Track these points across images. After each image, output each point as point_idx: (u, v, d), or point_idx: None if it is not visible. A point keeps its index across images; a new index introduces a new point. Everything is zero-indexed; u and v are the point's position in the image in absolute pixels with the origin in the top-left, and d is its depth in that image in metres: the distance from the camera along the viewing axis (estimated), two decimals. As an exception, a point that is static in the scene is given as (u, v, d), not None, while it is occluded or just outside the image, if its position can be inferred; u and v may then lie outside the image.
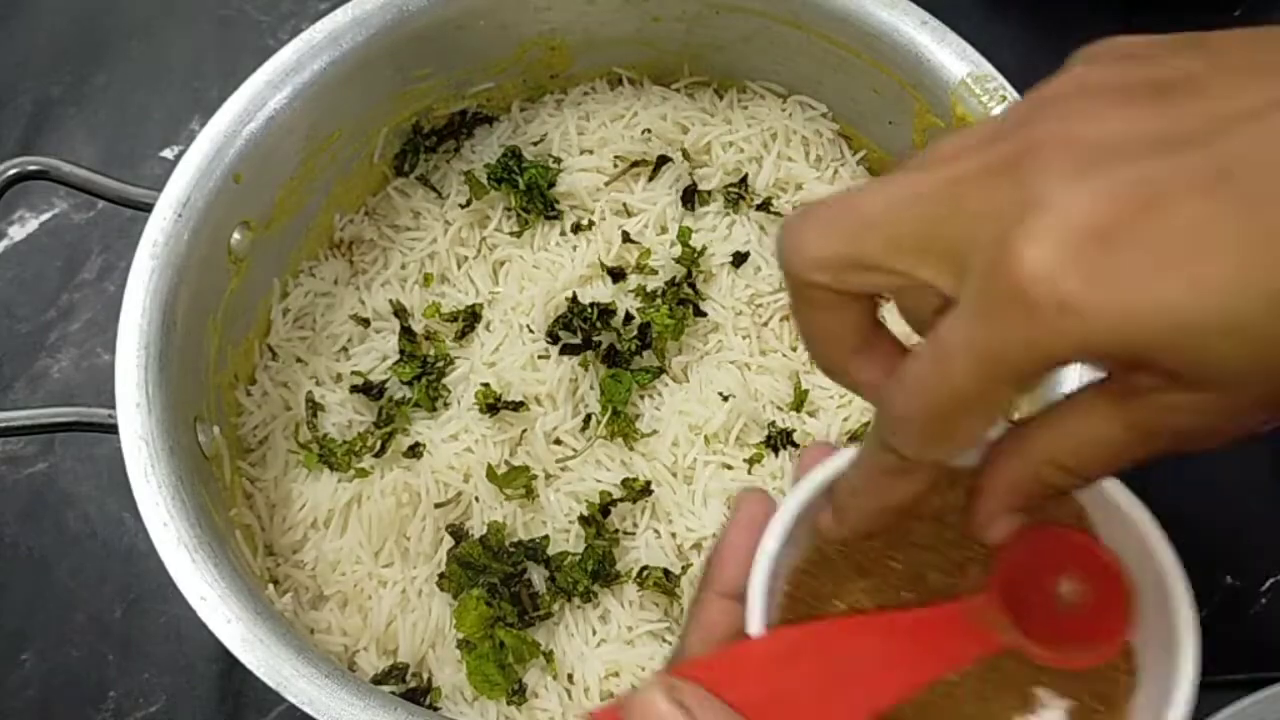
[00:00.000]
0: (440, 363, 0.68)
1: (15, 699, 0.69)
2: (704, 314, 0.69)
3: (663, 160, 0.72)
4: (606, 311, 0.68)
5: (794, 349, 0.68)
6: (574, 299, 0.68)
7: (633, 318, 0.68)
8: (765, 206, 0.72)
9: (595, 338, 0.68)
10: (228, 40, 0.88)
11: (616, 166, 0.73)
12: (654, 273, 0.70)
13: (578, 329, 0.68)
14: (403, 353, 0.69)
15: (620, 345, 0.67)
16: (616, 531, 0.63)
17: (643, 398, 0.67)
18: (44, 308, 0.80)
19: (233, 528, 0.62)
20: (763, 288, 0.70)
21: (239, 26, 0.89)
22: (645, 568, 0.62)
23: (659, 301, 0.69)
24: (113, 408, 0.58)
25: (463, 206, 0.73)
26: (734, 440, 0.65)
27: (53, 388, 0.77)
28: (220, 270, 0.65)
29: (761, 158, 0.73)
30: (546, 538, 0.64)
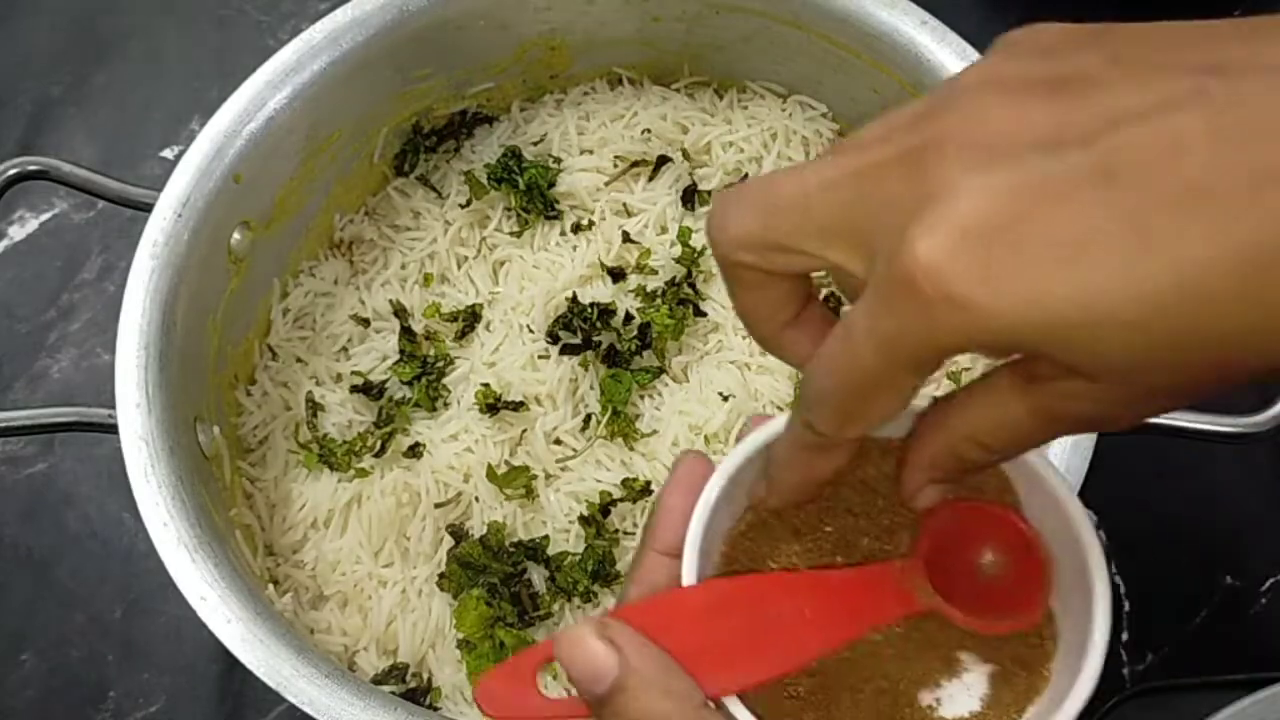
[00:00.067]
0: (440, 363, 0.68)
1: (15, 699, 0.69)
2: (704, 314, 0.69)
3: (663, 160, 0.72)
4: (606, 311, 0.68)
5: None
6: (574, 299, 0.68)
7: (633, 318, 0.68)
8: (765, 206, 0.72)
9: (595, 338, 0.68)
10: (228, 40, 0.88)
11: (616, 166, 0.73)
12: (654, 273, 0.70)
13: (578, 329, 0.68)
14: (403, 353, 0.69)
15: (620, 345, 0.67)
16: (616, 531, 0.63)
17: (643, 398, 0.67)
18: (44, 308, 0.80)
19: (233, 528, 0.62)
20: (763, 288, 0.70)
21: (239, 26, 0.89)
22: (645, 568, 0.62)
23: (659, 301, 0.69)
24: (113, 408, 0.58)
25: (463, 206, 0.73)
26: (733, 440, 0.65)
27: (53, 388, 0.77)
28: (220, 270, 0.65)
29: (761, 158, 0.73)
30: (546, 538, 0.64)
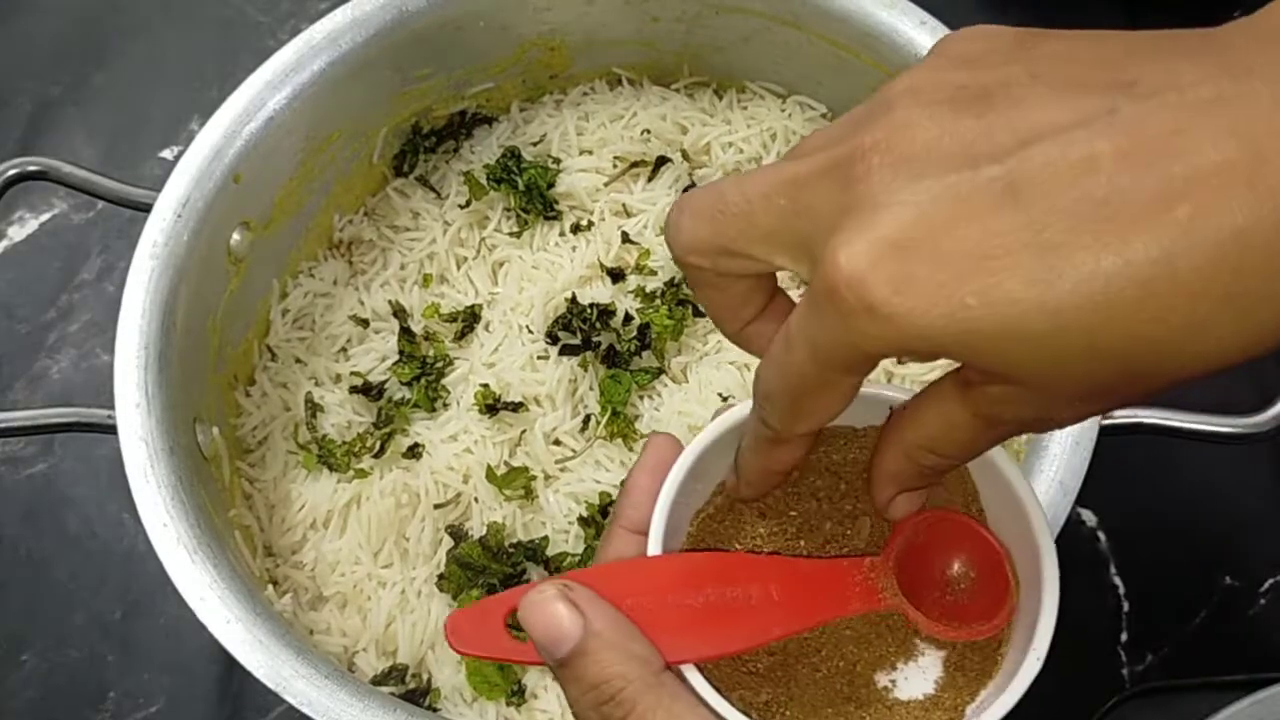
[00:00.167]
0: (439, 363, 0.68)
1: (15, 699, 0.69)
2: (703, 314, 0.69)
3: (662, 160, 0.72)
4: (606, 312, 0.68)
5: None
6: (573, 299, 0.68)
7: (632, 318, 0.68)
8: (765, 207, 0.72)
9: (594, 338, 0.68)
10: (227, 40, 0.89)
11: (616, 167, 0.73)
12: (653, 273, 0.70)
13: (577, 329, 0.68)
14: (402, 353, 0.69)
15: (619, 346, 0.67)
16: (616, 532, 0.63)
17: (642, 398, 0.67)
18: (44, 308, 0.80)
19: (232, 528, 0.62)
20: (762, 288, 0.70)
21: (239, 26, 0.89)
22: (645, 568, 0.62)
23: (658, 302, 0.69)
24: (112, 408, 0.58)
25: (462, 207, 0.73)
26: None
27: (52, 388, 0.77)
28: (220, 270, 0.65)
29: (761, 158, 0.73)
30: (546, 538, 0.64)
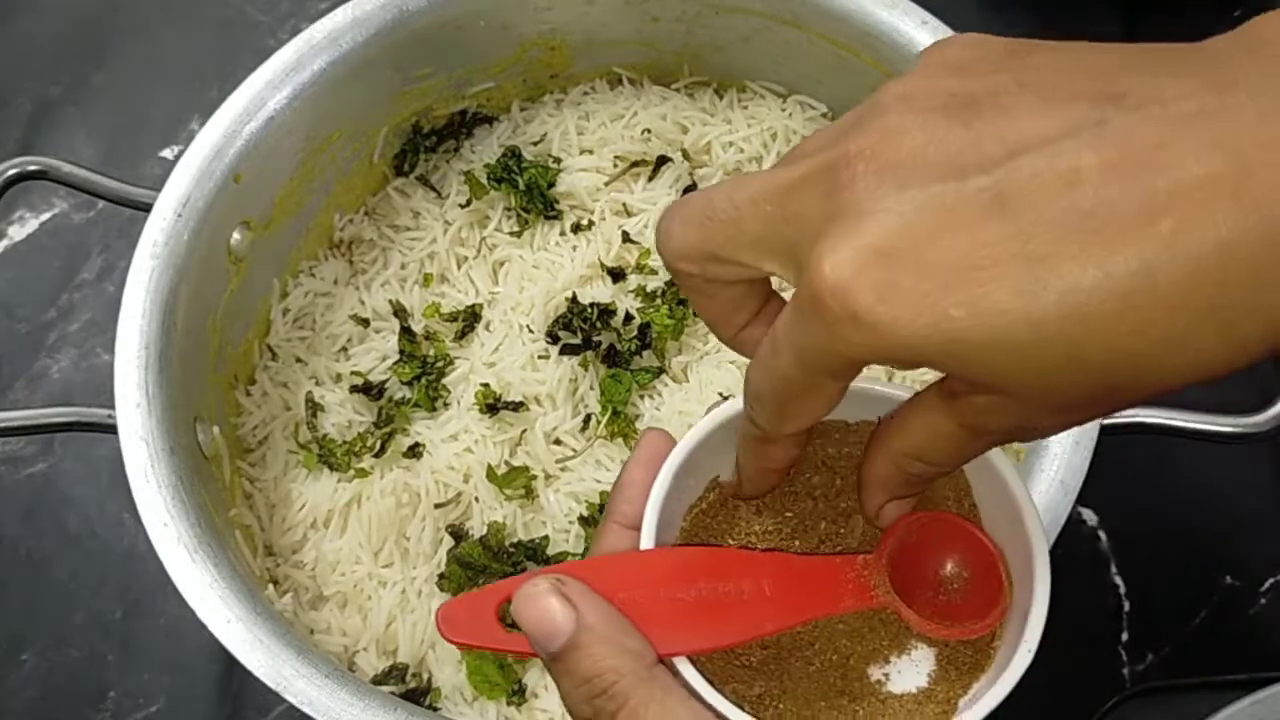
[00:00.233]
0: (440, 363, 0.68)
1: (15, 699, 0.69)
2: (704, 314, 0.69)
3: (662, 160, 0.72)
4: (606, 311, 0.68)
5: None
6: (574, 299, 0.68)
7: (633, 318, 0.68)
8: (765, 206, 0.72)
9: (595, 338, 0.68)
10: (227, 40, 0.88)
11: (616, 166, 0.73)
12: (654, 273, 0.70)
13: (577, 329, 0.68)
14: (402, 353, 0.69)
15: (620, 345, 0.67)
16: (616, 532, 0.63)
17: (643, 398, 0.67)
18: (44, 308, 0.80)
19: (232, 528, 0.62)
20: (763, 288, 0.70)
21: (239, 26, 0.89)
22: (645, 568, 0.62)
23: (659, 301, 0.69)
24: (112, 408, 0.58)
25: (462, 206, 0.73)
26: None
27: (52, 388, 0.77)
28: (220, 270, 0.65)
29: (761, 158, 0.73)
30: (546, 538, 0.64)
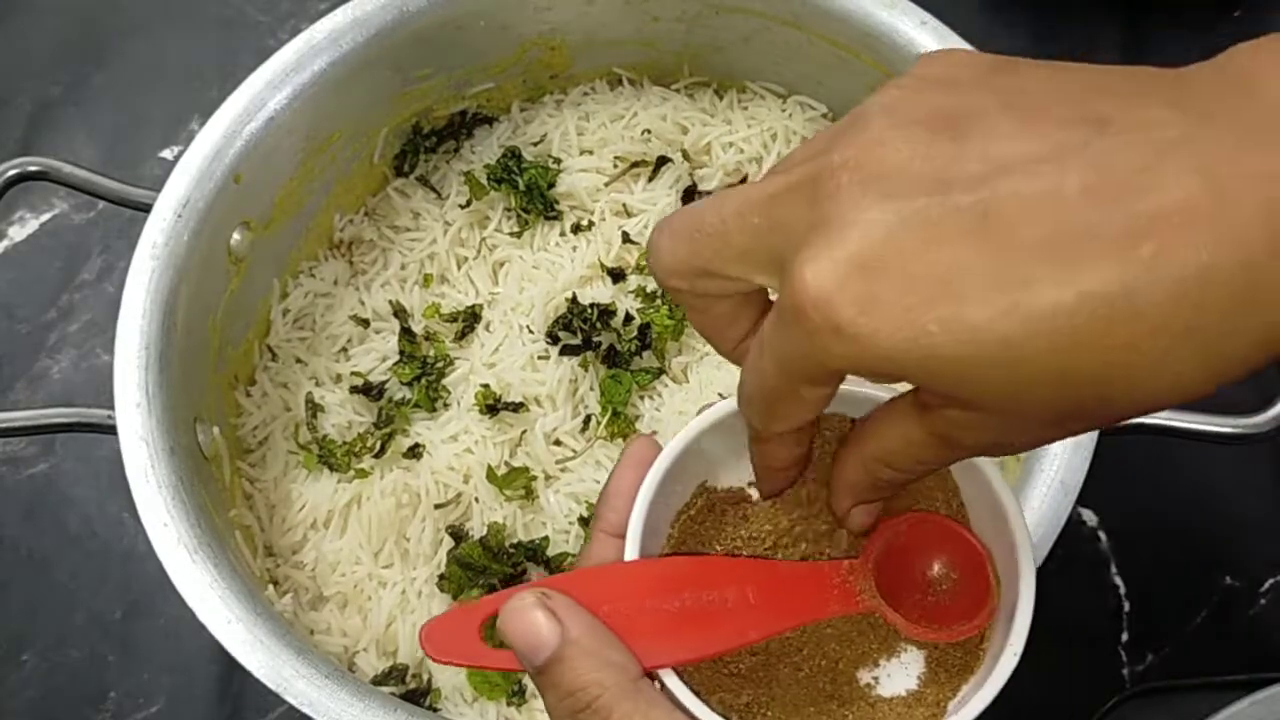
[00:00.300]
0: (440, 363, 0.68)
1: (15, 699, 0.69)
2: (704, 314, 0.69)
3: (662, 160, 0.72)
4: (606, 312, 0.68)
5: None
6: (574, 299, 0.68)
7: (633, 318, 0.68)
8: (765, 207, 0.72)
9: (595, 338, 0.68)
10: (227, 40, 0.88)
11: (616, 167, 0.73)
12: (654, 273, 0.70)
13: (577, 329, 0.68)
14: (402, 353, 0.69)
15: (620, 346, 0.67)
16: (616, 532, 0.63)
17: (643, 398, 0.67)
18: (44, 308, 0.80)
19: (232, 528, 0.62)
20: (763, 288, 0.70)
21: (239, 26, 0.89)
22: (645, 568, 0.62)
23: (659, 302, 0.69)
24: (112, 408, 0.58)
25: (462, 207, 0.73)
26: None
27: (53, 388, 0.77)
28: (220, 270, 0.65)
29: (761, 158, 0.73)
30: (546, 539, 0.64)
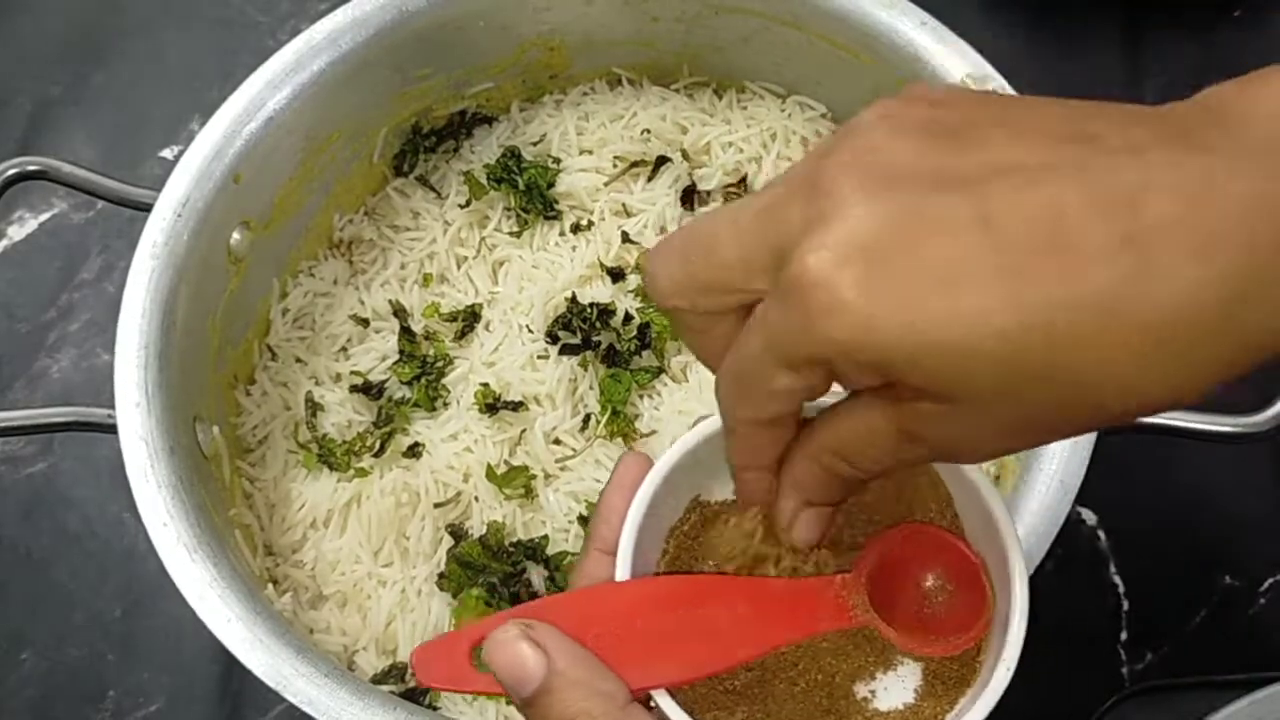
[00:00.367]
0: (440, 363, 0.68)
1: (15, 699, 0.69)
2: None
3: (662, 160, 0.72)
4: (606, 311, 0.68)
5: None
6: (573, 299, 0.69)
7: (632, 318, 0.68)
8: (765, 207, 0.72)
9: (595, 338, 0.68)
10: (227, 40, 0.88)
11: (616, 167, 0.73)
12: (653, 273, 0.70)
13: (577, 329, 0.68)
14: (402, 353, 0.69)
15: (620, 345, 0.67)
16: (616, 531, 0.63)
17: (642, 397, 0.67)
18: (44, 308, 0.80)
19: (232, 527, 0.62)
20: (762, 288, 0.70)
21: (238, 27, 0.89)
22: (645, 568, 0.62)
23: (658, 301, 0.69)
24: (112, 408, 0.58)
25: (462, 207, 0.73)
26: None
27: (52, 388, 0.77)
28: (220, 270, 0.65)
29: (761, 158, 0.73)
30: (546, 537, 0.64)
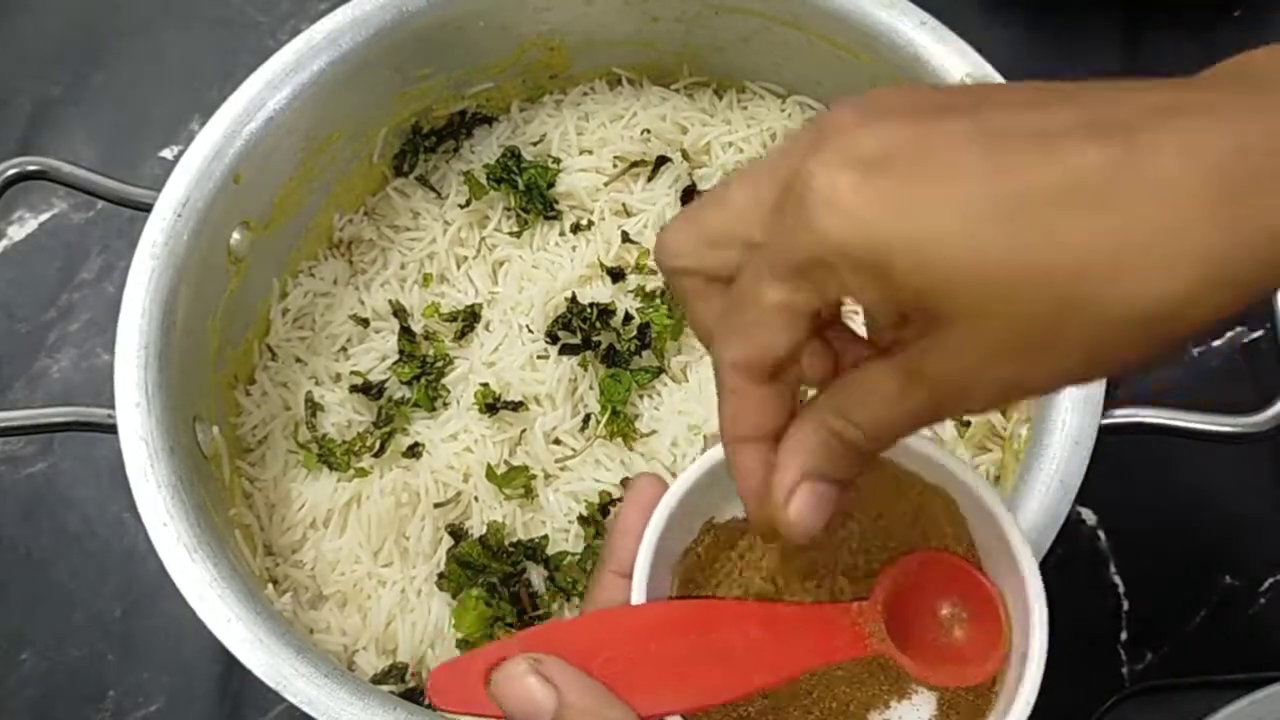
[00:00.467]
0: (439, 363, 0.68)
1: (15, 698, 0.69)
2: (703, 314, 0.69)
3: (662, 160, 0.72)
4: (606, 311, 0.68)
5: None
6: (573, 299, 0.69)
7: (632, 318, 0.68)
8: (765, 207, 0.72)
9: (594, 338, 0.68)
10: (227, 40, 0.88)
11: (616, 167, 0.73)
12: (653, 273, 0.70)
13: (577, 329, 0.68)
14: (402, 353, 0.69)
15: (619, 345, 0.67)
16: (616, 531, 0.63)
17: (642, 397, 0.67)
18: (44, 308, 0.80)
19: (232, 527, 0.62)
20: (762, 288, 0.70)
21: (238, 27, 0.89)
22: (645, 568, 0.62)
23: (658, 301, 0.69)
24: (112, 408, 0.58)
25: (462, 207, 0.73)
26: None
27: (52, 388, 0.77)
28: (220, 270, 0.65)
29: (761, 158, 0.73)
30: (546, 537, 0.64)
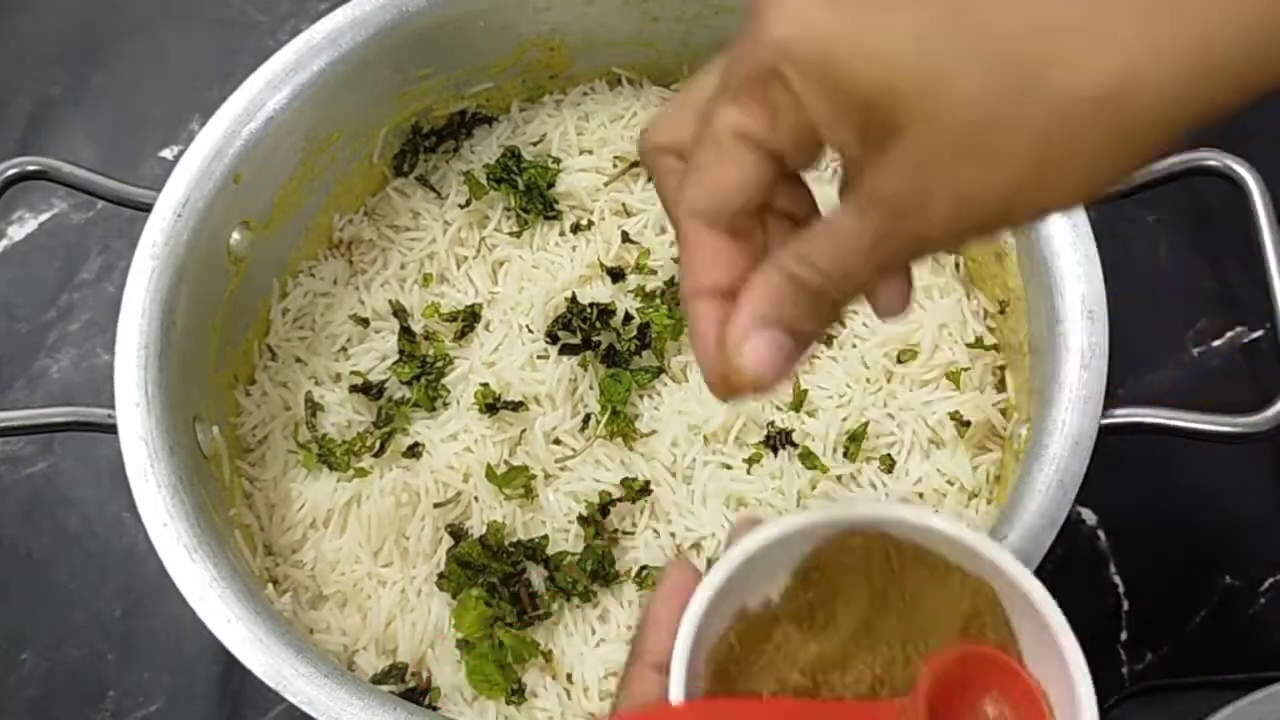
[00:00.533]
0: (439, 363, 0.68)
1: (15, 698, 0.69)
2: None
3: (662, 160, 0.72)
4: (606, 311, 0.68)
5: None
6: (573, 299, 0.69)
7: (632, 318, 0.68)
8: (764, 207, 0.72)
9: (594, 338, 0.68)
10: (227, 40, 0.89)
11: (616, 167, 0.73)
12: (653, 273, 0.70)
13: (577, 329, 0.68)
14: (402, 353, 0.69)
15: (619, 345, 0.67)
16: (616, 531, 0.63)
17: (642, 397, 0.67)
18: (44, 308, 0.80)
19: (232, 527, 0.62)
20: (762, 288, 0.70)
21: (238, 27, 0.89)
22: (644, 567, 0.62)
23: (658, 301, 0.69)
24: (112, 408, 0.58)
25: (462, 207, 0.73)
26: (733, 440, 0.65)
27: (52, 388, 0.77)
28: (220, 270, 0.65)
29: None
30: (546, 537, 0.64)
